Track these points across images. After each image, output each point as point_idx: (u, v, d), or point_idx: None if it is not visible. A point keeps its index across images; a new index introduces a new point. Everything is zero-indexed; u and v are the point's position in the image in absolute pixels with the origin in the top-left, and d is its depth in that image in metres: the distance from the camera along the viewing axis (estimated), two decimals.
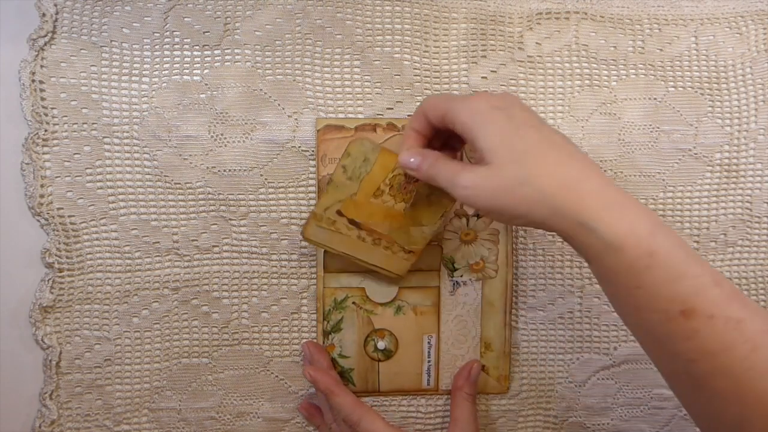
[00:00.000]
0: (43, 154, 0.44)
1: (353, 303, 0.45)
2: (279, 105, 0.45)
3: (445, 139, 0.40)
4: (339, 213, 0.41)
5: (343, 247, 0.42)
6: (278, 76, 0.45)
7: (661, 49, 0.47)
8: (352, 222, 0.41)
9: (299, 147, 0.45)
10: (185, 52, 0.45)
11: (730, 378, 0.29)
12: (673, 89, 0.47)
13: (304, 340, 0.46)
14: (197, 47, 0.45)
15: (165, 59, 0.45)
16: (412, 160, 0.37)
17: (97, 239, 0.45)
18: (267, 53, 0.45)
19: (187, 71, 0.45)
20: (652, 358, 0.34)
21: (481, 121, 0.34)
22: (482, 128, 0.34)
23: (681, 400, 0.33)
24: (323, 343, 0.46)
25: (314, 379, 0.43)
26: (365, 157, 0.40)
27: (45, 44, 0.44)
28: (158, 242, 0.45)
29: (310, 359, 0.45)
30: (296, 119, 0.45)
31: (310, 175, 0.45)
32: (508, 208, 0.33)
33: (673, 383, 0.33)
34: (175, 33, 0.45)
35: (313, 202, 0.45)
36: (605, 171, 0.46)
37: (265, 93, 0.45)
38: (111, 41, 0.44)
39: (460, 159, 0.42)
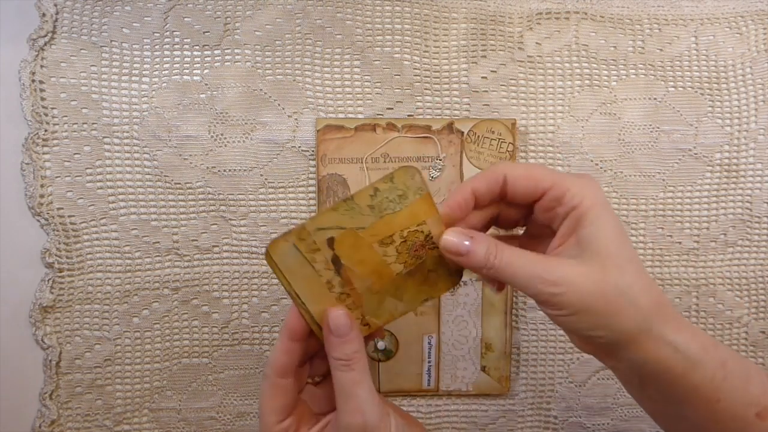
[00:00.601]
0: (43, 154, 0.44)
1: None
2: (279, 105, 0.45)
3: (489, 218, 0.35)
4: (329, 242, 0.33)
5: (301, 286, 0.33)
6: (278, 76, 0.45)
7: (661, 49, 0.47)
8: (335, 261, 0.33)
9: (299, 147, 0.45)
10: (185, 52, 0.45)
11: None
12: (673, 89, 0.47)
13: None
14: (197, 47, 0.45)
15: (165, 59, 0.45)
16: (466, 243, 0.32)
17: (97, 239, 0.45)
18: (267, 53, 0.45)
19: (187, 71, 0.45)
20: None
21: (602, 210, 0.31)
22: (601, 219, 0.31)
23: None
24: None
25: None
26: (404, 192, 0.33)
27: (45, 44, 0.44)
28: (158, 242, 0.45)
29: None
30: (296, 119, 0.45)
31: (310, 175, 0.45)
32: (599, 316, 0.30)
33: None
34: (175, 33, 0.45)
35: (313, 202, 0.45)
36: (605, 171, 0.46)
37: (265, 93, 0.45)
38: (111, 41, 0.44)
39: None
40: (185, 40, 0.45)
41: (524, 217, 0.35)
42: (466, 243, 0.32)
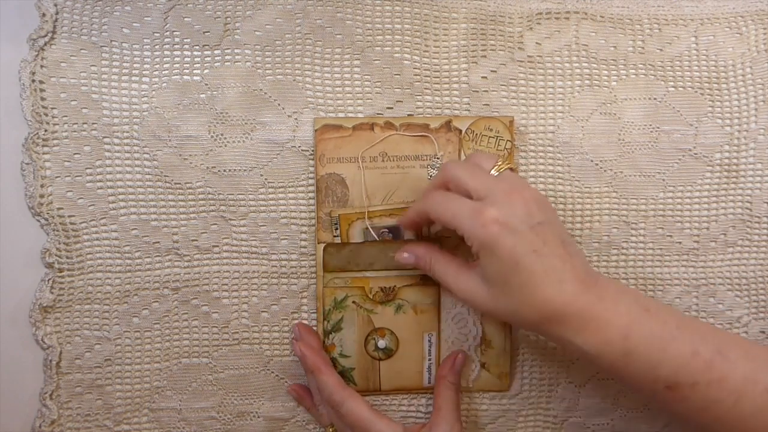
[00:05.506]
0: (43, 154, 0.44)
1: (353, 302, 0.45)
2: (279, 105, 0.45)
3: None
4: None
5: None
6: (278, 76, 0.45)
7: (661, 49, 0.47)
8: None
9: (299, 147, 0.45)
10: (185, 52, 0.45)
11: (723, 423, 0.34)
12: (673, 89, 0.47)
13: (295, 321, 0.46)
14: (197, 47, 0.45)
15: (165, 59, 0.45)
16: (406, 255, 0.42)
17: (97, 239, 0.45)
18: (267, 53, 0.45)
19: (187, 71, 0.45)
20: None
21: (486, 253, 0.36)
22: (485, 260, 0.37)
23: None
24: (324, 343, 0.46)
25: (303, 355, 0.43)
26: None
27: (45, 44, 0.44)
28: (158, 242, 0.45)
29: (298, 338, 0.45)
30: (296, 119, 0.45)
31: (310, 175, 0.45)
32: (503, 317, 0.39)
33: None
34: (175, 33, 0.45)
35: (312, 202, 0.45)
36: (605, 171, 0.46)
37: (265, 93, 0.45)
38: (111, 41, 0.44)
39: None
40: (185, 40, 0.45)
41: None
42: (406, 255, 0.42)
